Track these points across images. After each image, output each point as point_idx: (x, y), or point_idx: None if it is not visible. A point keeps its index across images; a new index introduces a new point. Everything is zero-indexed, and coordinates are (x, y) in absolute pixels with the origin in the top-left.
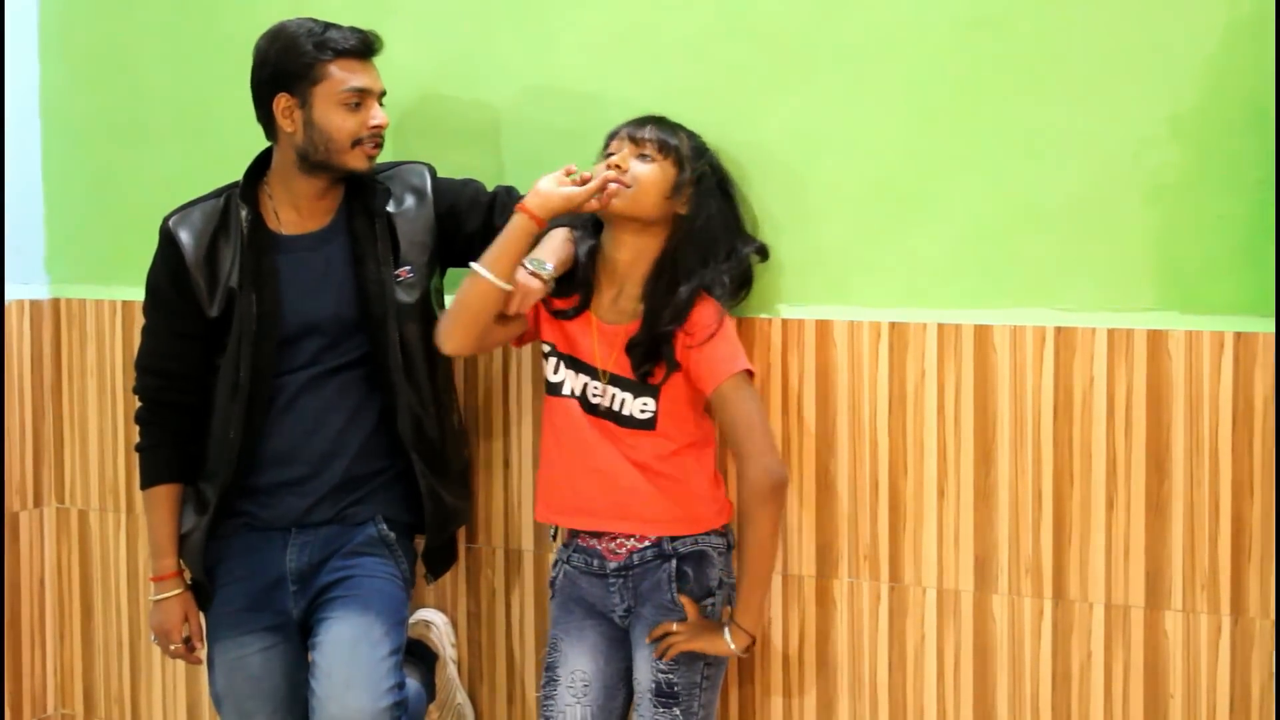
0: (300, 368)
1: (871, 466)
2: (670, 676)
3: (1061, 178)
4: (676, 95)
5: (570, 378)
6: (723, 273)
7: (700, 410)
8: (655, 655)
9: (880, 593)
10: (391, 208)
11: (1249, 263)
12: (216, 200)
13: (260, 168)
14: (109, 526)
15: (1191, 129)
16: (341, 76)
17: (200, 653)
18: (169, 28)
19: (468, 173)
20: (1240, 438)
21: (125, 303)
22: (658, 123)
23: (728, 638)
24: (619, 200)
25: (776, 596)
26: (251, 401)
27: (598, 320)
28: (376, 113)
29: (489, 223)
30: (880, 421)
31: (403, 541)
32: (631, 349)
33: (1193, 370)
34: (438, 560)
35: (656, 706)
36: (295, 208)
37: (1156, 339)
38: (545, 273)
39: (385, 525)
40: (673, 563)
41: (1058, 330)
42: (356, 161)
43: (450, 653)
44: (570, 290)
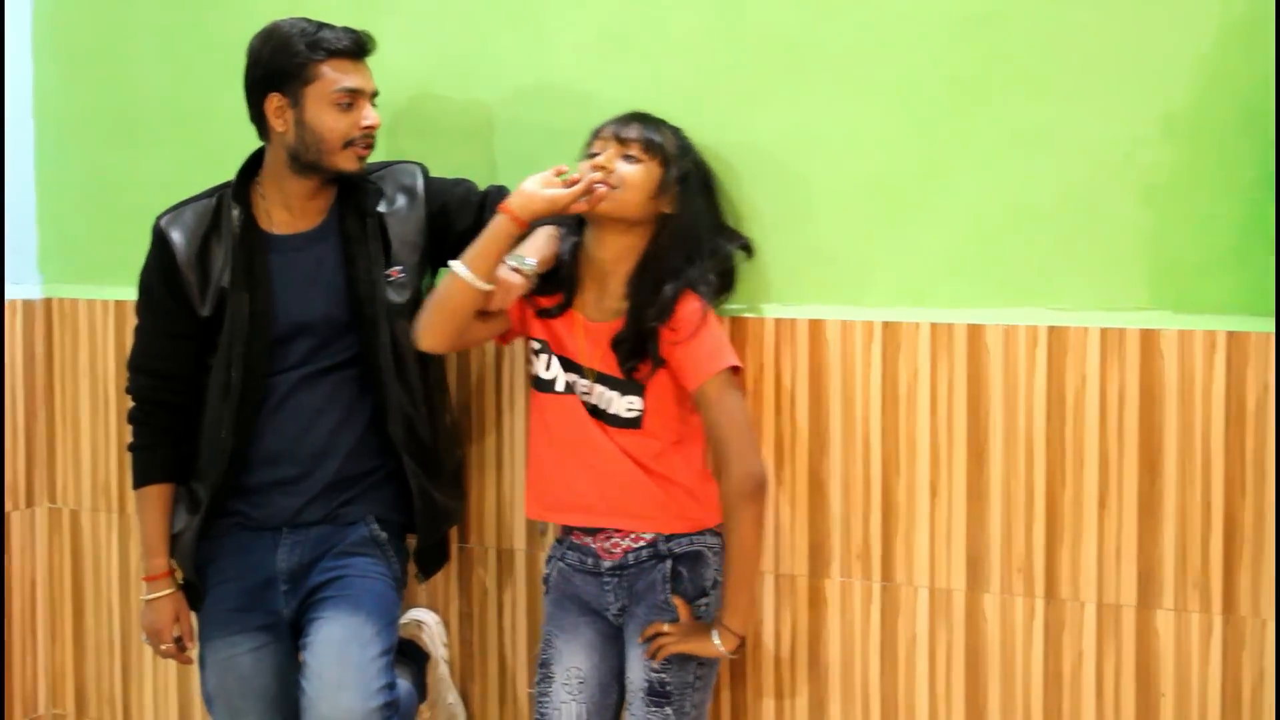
0: (292, 367)
1: (864, 466)
2: (663, 676)
3: (1054, 177)
4: (669, 94)
5: (562, 374)
6: (707, 270)
7: (687, 407)
8: (646, 656)
9: (872, 592)
10: (383, 207)
11: (1241, 262)
12: (209, 200)
13: (253, 167)
14: (101, 527)
15: (1184, 129)
16: (333, 77)
17: (191, 652)
18: (162, 27)
19: (461, 172)
20: (1232, 437)
21: (118, 302)
22: (642, 121)
23: (716, 640)
24: (605, 202)
25: (768, 596)
26: (243, 401)
27: (583, 318)
28: (368, 113)
29: (479, 222)
30: (873, 421)
31: (394, 541)
32: (617, 345)
33: (1185, 369)
34: (429, 560)
35: (649, 706)
36: (287, 208)
37: (1149, 338)
38: (527, 268)
39: (377, 525)
40: (668, 563)
41: (1050, 330)
42: (347, 162)
43: (442, 653)
44: (554, 288)
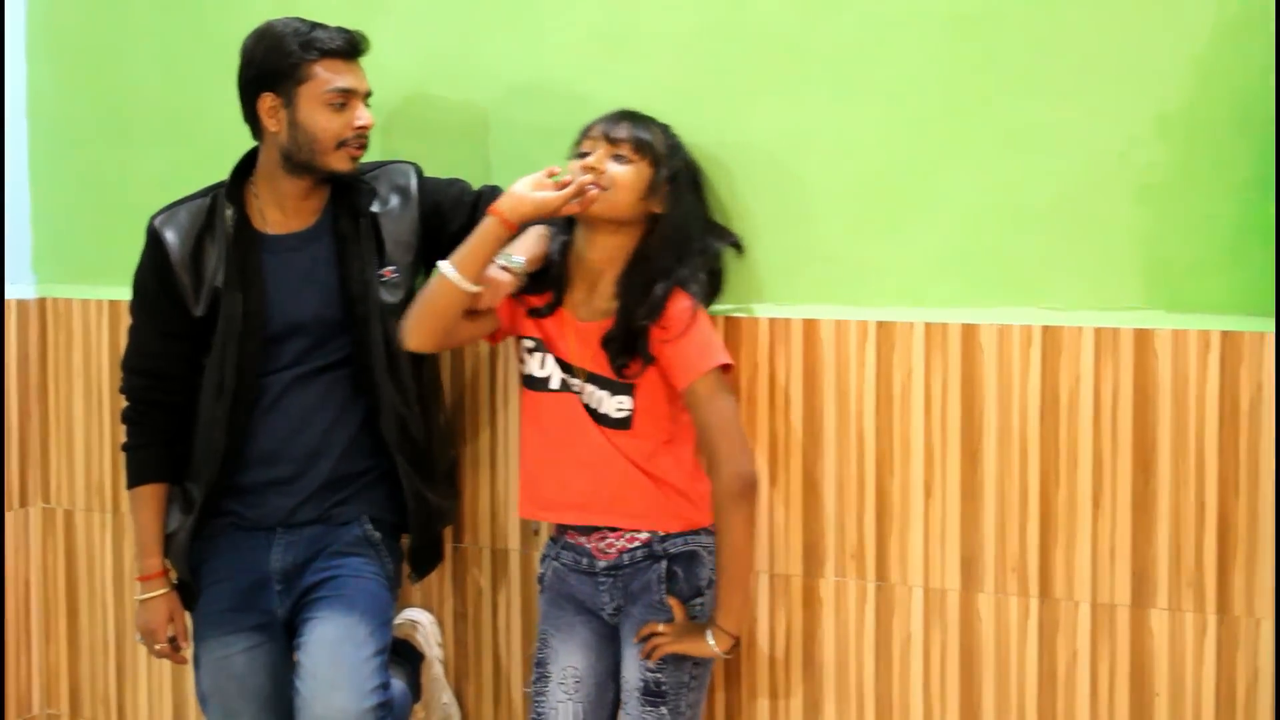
0: (285, 367)
1: (858, 466)
2: (658, 676)
3: (1048, 177)
4: (663, 94)
5: (558, 372)
6: (698, 268)
7: (678, 406)
8: (641, 656)
9: (867, 592)
10: (376, 207)
11: (1236, 262)
12: (203, 200)
13: (246, 167)
14: (95, 526)
15: (1179, 129)
16: (326, 77)
17: (185, 652)
18: (157, 27)
19: (455, 172)
20: (1226, 436)
21: (112, 302)
22: (632, 119)
23: (710, 641)
24: (596, 203)
25: (762, 596)
26: (237, 401)
27: (573, 318)
28: (361, 114)
29: (472, 222)
30: (867, 421)
31: (388, 541)
32: (607, 343)
33: (1179, 369)
34: (422, 560)
35: (644, 705)
36: (281, 207)
37: (1143, 338)
38: (516, 266)
39: (371, 525)
40: (663, 563)
41: (1044, 329)
42: (340, 163)
43: (436, 652)
44: (544, 287)
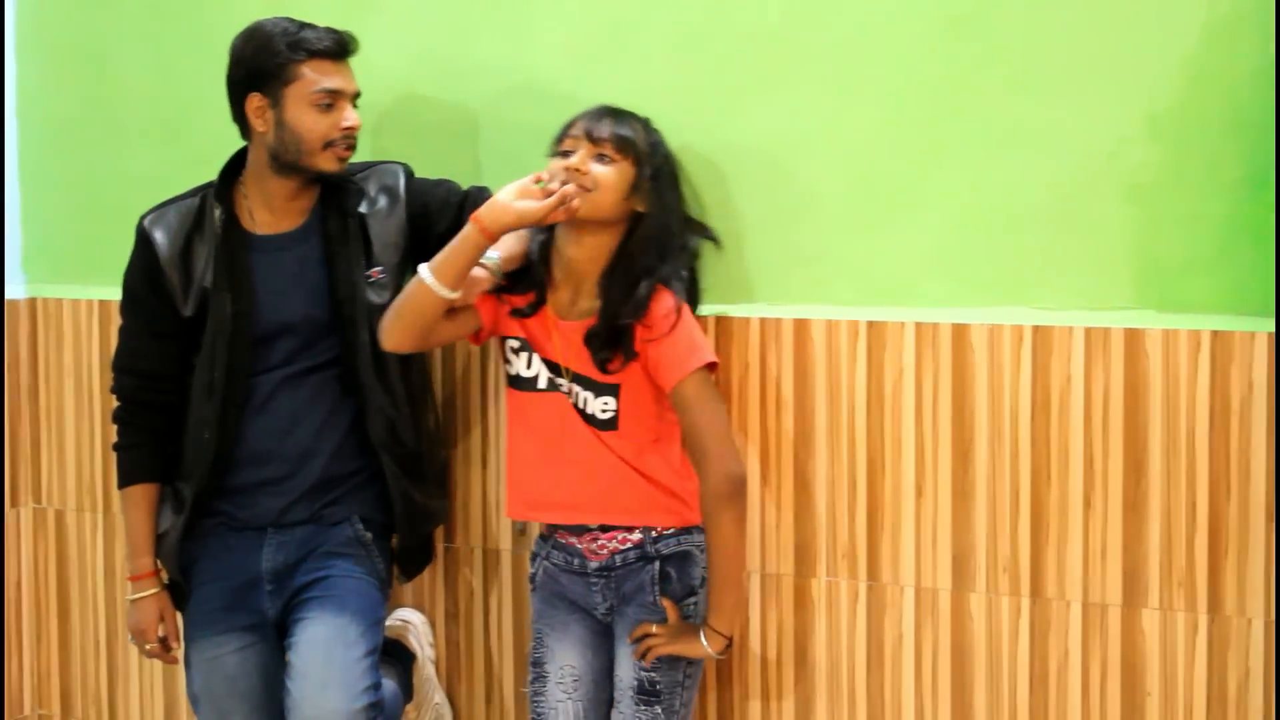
0: (275, 367)
1: (849, 465)
2: (653, 675)
3: (1039, 177)
4: (653, 94)
5: (545, 371)
6: (680, 266)
7: (663, 405)
8: (635, 657)
9: (858, 591)
10: (365, 208)
11: (1226, 261)
12: (192, 200)
13: (235, 167)
14: (86, 526)
15: (1170, 128)
16: (313, 77)
17: (176, 652)
18: (146, 26)
19: (445, 172)
20: (1217, 436)
21: (102, 302)
22: (614, 116)
23: (704, 641)
24: (579, 204)
25: (754, 596)
26: (226, 401)
27: (556, 318)
28: (349, 114)
29: (459, 223)
30: (858, 420)
31: (379, 542)
32: (590, 339)
33: (1170, 369)
34: (412, 561)
35: (638, 704)
36: (269, 208)
37: (1134, 338)
38: (492, 264)
39: (362, 525)
40: (656, 564)
41: (1035, 329)
42: (327, 163)
43: (428, 652)
44: (526, 287)
